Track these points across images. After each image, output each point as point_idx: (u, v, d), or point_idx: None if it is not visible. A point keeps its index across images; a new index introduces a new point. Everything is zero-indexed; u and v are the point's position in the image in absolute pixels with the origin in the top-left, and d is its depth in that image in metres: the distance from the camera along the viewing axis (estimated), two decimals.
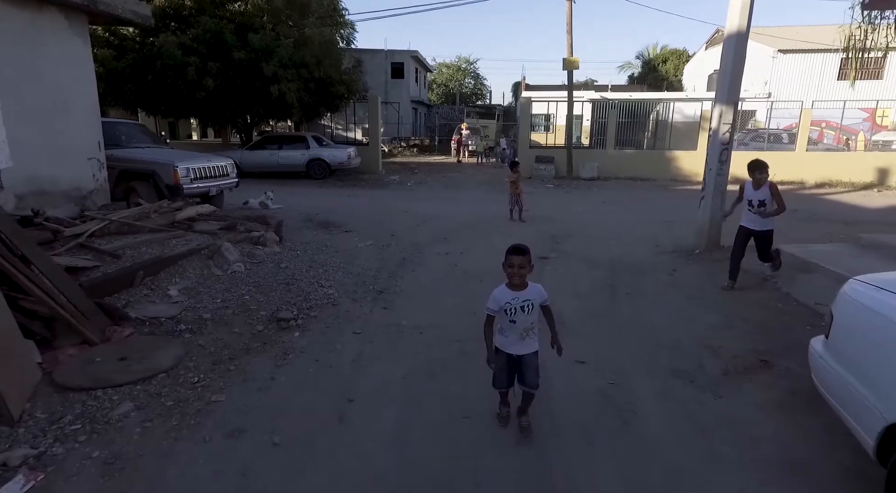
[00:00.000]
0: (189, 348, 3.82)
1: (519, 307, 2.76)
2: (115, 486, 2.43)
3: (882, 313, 2.20)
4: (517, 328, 2.78)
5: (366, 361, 3.83)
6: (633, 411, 3.20)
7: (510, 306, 2.76)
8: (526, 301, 2.76)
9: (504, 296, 2.78)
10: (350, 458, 2.70)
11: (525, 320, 2.77)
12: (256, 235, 6.58)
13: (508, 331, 2.81)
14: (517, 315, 2.76)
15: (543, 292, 2.83)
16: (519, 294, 2.77)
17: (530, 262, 2.77)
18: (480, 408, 3.12)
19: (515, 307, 2.75)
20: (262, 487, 2.48)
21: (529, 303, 2.76)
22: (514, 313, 2.75)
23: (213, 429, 2.91)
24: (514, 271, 2.74)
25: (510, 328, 2.80)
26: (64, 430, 2.81)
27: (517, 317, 2.76)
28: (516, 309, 2.75)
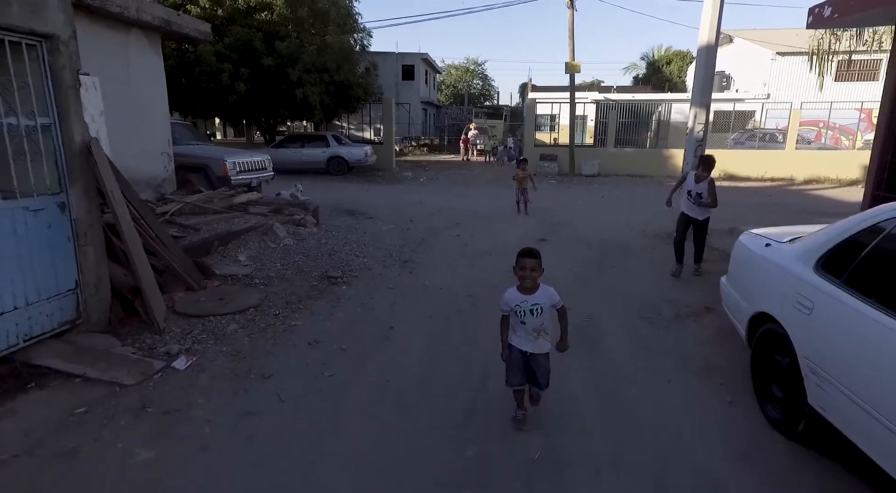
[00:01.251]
0: (266, 294, 5.03)
1: (528, 310, 2.78)
2: (242, 366, 3.63)
3: (750, 247, 3.35)
4: (527, 328, 2.82)
5: (399, 306, 5.01)
6: (600, 339, 4.34)
7: (519, 309, 2.79)
8: (535, 305, 2.78)
9: (513, 298, 2.82)
10: (394, 360, 3.87)
11: (534, 322, 2.80)
12: (298, 217, 7.81)
13: (520, 330, 2.86)
14: (526, 317, 2.79)
15: (555, 295, 2.83)
16: (528, 298, 2.79)
17: (541, 265, 2.79)
18: (483, 339, 4.20)
19: (524, 310, 2.78)
20: (337, 374, 3.65)
21: (538, 306, 2.78)
22: (523, 315, 2.79)
23: (298, 340, 4.11)
24: (526, 274, 2.76)
25: (521, 328, 2.84)
26: (196, 338, 4.01)
27: (526, 319, 2.80)
28: (525, 312, 2.78)
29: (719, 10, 7.80)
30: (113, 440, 2.75)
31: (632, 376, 3.66)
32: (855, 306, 2.35)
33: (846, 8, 6.07)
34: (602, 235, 8.36)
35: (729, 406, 3.25)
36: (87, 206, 3.85)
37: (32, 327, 3.55)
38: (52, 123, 3.59)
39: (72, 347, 3.66)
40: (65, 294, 3.78)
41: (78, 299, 3.88)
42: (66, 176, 3.71)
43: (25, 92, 3.42)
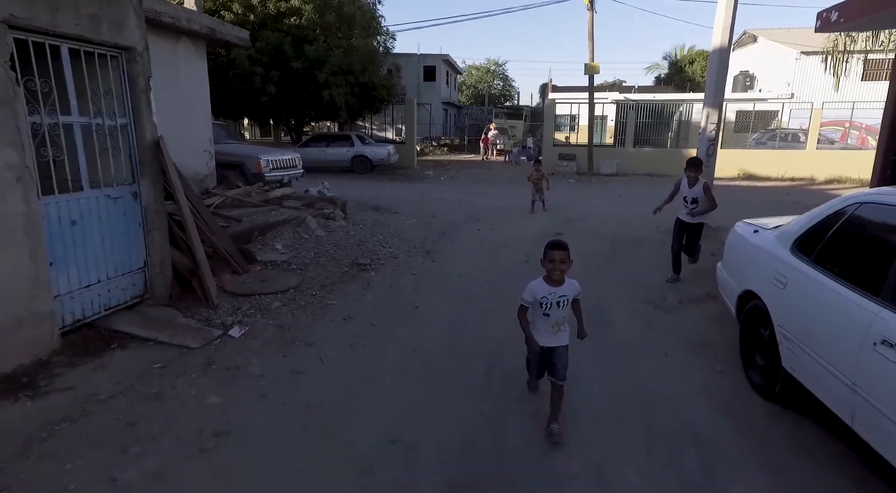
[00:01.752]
0: (303, 277, 5.56)
1: (555, 302, 2.77)
2: (287, 335, 4.15)
3: (741, 234, 3.74)
4: (549, 321, 2.80)
5: (423, 290, 5.49)
6: (607, 319, 4.74)
7: (546, 301, 2.77)
8: (562, 297, 2.77)
9: (541, 290, 2.78)
10: (419, 334, 4.34)
11: (559, 314, 2.79)
12: (327, 211, 8.36)
13: (540, 324, 2.82)
14: (552, 310, 2.77)
15: (578, 286, 2.84)
16: (556, 290, 2.77)
17: (569, 257, 2.77)
18: (499, 316, 4.64)
19: (552, 302, 2.76)
20: (369, 344, 4.13)
21: (566, 298, 2.78)
22: (548, 307, 2.77)
23: (333, 316, 4.62)
24: (556, 266, 2.73)
25: (542, 321, 2.81)
26: (245, 312, 4.56)
27: (551, 311, 2.78)
28: (552, 304, 2.76)
29: (733, 13, 8.09)
30: (187, 388, 3.29)
31: (633, 348, 4.08)
32: (818, 279, 2.74)
33: (851, 12, 6.35)
34: (615, 230, 8.71)
35: (719, 374, 3.64)
36: (155, 195, 4.42)
37: (111, 298, 4.13)
38: (128, 122, 4.17)
39: (142, 317, 4.24)
40: (135, 272, 4.37)
41: (145, 277, 4.46)
42: (138, 169, 4.29)
43: (109, 97, 4.00)
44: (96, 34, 3.72)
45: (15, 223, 3.22)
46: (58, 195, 3.62)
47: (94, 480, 2.42)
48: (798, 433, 2.92)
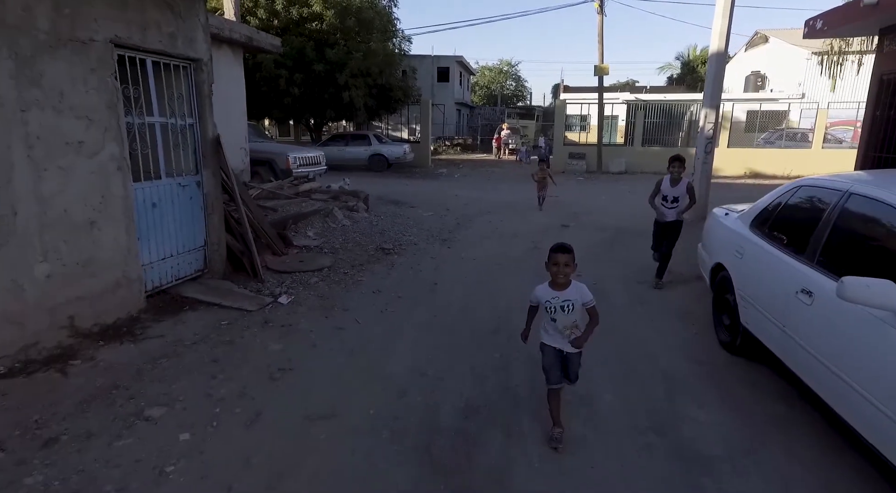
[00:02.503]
0: (334, 259, 6.30)
1: (559, 307, 2.71)
2: (327, 303, 4.89)
3: (716, 217, 4.39)
4: (558, 327, 2.74)
5: (441, 270, 6.20)
6: (602, 294, 5.39)
7: (550, 305, 2.73)
8: (566, 301, 2.70)
9: (544, 294, 2.76)
10: (439, 303, 5.05)
11: (565, 319, 2.72)
12: (352, 204, 9.11)
13: (551, 329, 2.78)
14: (557, 314, 2.72)
15: (587, 293, 2.74)
16: (559, 294, 2.71)
17: (574, 260, 2.72)
18: (506, 291, 5.36)
19: (556, 307, 2.71)
20: (396, 311, 4.84)
21: (570, 303, 2.70)
22: (553, 312, 2.73)
23: (364, 290, 5.35)
24: (559, 270, 2.68)
25: (552, 327, 2.77)
26: (288, 285, 5.30)
27: (557, 316, 2.72)
28: (556, 308, 2.71)
29: (729, 20, 8.68)
30: (252, 339, 4.04)
31: (623, 316, 4.75)
32: (764, 247, 3.39)
33: (833, 21, 6.93)
34: (618, 222, 9.34)
35: (694, 335, 4.30)
36: (214, 184, 5.19)
37: (179, 271, 4.90)
38: (194, 122, 4.94)
39: (205, 287, 5.00)
40: (197, 249, 5.13)
41: (205, 254, 5.23)
42: (201, 161, 5.05)
43: (180, 100, 4.77)
44: (173, 48, 4.48)
45: (116, 204, 3.99)
46: (143, 182, 4.39)
47: (196, 396, 3.16)
48: (750, 375, 3.58)
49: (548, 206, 11.01)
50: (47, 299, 3.52)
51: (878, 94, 6.89)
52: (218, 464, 2.55)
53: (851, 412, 2.42)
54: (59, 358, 3.46)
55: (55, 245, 3.55)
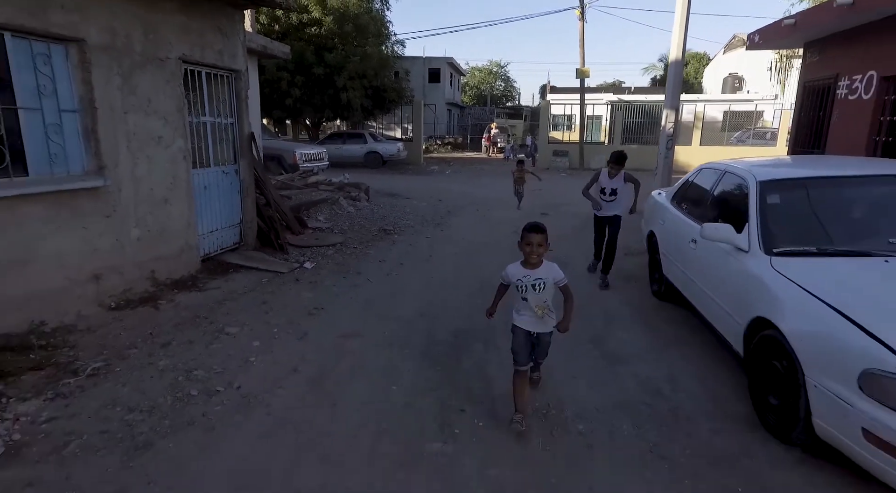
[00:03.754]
0: (344, 237, 7.44)
1: (530, 285, 2.75)
2: (343, 268, 6.02)
3: (653, 196, 5.59)
4: (530, 306, 2.78)
5: (435, 247, 7.35)
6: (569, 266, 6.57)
7: (521, 284, 2.76)
8: (537, 280, 2.74)
9: (516, 273, 2.80)
10: (433, 270, 6.20)
11: (536, 298, 2.76)
12: (354, 194, 10.24)
13: (523, 309, 2.82)
14: (528, 293, 2.76)
15: (559, 272, 2.79)
16: (531, 273, 2.76)
17: (547, 240, 2.74)
18: (487, 263, 6.52)
19: (526, 285, 2.75)
20: (400, 275, 5.98)
21: (541, 281, 2.74)
22: (524, 291, 2.76)
23: (372, 259, 6.49)
24: (532, 249, 2.71)
25: (524, 306, 2.81)
26: (309, 256, 6.43)
27: (528, 294, 2.76)
28: (527, 287, 2.75)
29: (684, 34, 9.89)
30: (288, 290, 5.16)
31: (581, 279, 5.94)
32: (675, 214, 4.59)
33: (767, 37, 8.19)
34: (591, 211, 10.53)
35: (634, 288, 5.49)
36: (248, 173, 6.29)
37: (222, 242, 6.01)
38: (234, 121, 6.05)
39: (243, 256, 6.11)
40: (235, 226, 6.24)
41: (240, 230, 6.34)
42: (238, 153, 6.16)
43: (224, 104, 5.87)
44: (221, 62, 5.59)
45: (182, 186, 5.10)
46: (198, 169, 5.49)
47: (257, 323, 4.29)
48: (669, 313, 4.77)
49: (531, 197, 12.15)
50: (138, 256, 4.62)
51: (803, 99, 8.16)
52: (283, 359, 3.69)
53: (711, 314, 3.61)
54: (148, 300, 4.56)
55: (143, 216, 4.65)
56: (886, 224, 3.20)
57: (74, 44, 3.95)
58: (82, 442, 2.64)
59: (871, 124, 6.44)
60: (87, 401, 3.01)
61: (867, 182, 3.46)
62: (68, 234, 3.97)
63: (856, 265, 2.83)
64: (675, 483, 2.45)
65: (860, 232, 3.18)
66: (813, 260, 2.95)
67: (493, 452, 2.68)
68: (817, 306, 2.50)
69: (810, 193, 3.39)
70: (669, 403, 3.18)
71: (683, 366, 3.71)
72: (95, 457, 2.54)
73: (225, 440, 2.72)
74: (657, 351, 3.96)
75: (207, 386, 3.23)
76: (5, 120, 3.56)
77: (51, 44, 3.82)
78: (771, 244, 3.11)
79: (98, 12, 4.06)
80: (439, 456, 2.64)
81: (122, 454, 2.56)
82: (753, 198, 3.41)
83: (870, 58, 6.47)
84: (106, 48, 4.15)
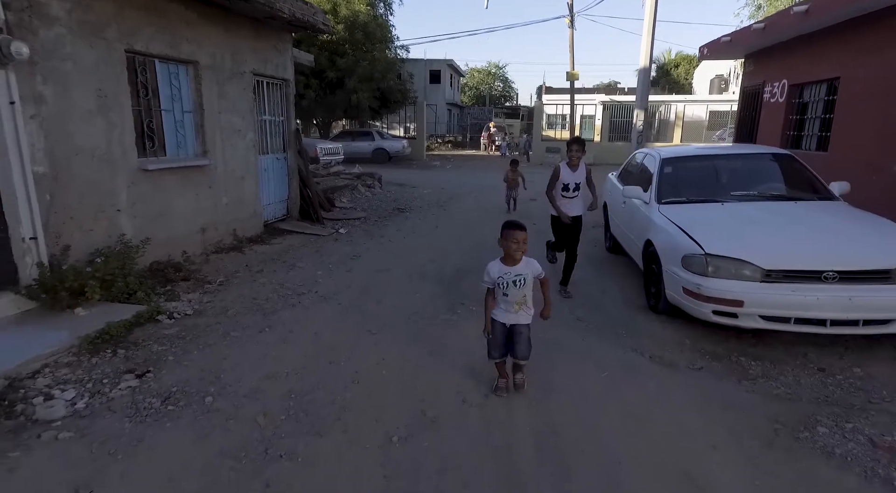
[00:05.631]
0: (366, 214, 9.16)
1: (511, 282, 2.84)
2: (368, 233, 7.74)
3: (608, 177, 7.31)
4: (510, 301, 2.88)
5: (440, 221, 9.06)
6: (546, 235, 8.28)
7: (502, 280, 2.85)
8: (518, 276, 2.84)
9: (496, 271, 2.88)
10: (439, 236, 7.91)
11: (517, 293, 2.85)
12: (369, 182, 11.96)
13: (502, 303, 2.92)
14: (509, 289, 2.84)
15: (537, 267, 2.89)
16: (511, 269, 2.85)
17: (526, 239, 2.84)
18: (481, 232, 8.22)
19: (507, 282, 2.84)
20: (413, 239, 7.68)
21: (521, 277, 2.84)
22: (506, 287, 2.85)
23: (390, 228, 8.21)
24: (518, 246, 2.82)
25: (503, 301, 2.91)
26: (340, 226, 8.14)
27: (509, 290, 2.85)
28: (508, 283, 2.84)
29: (651, 43, 11.60)
30: (332, 245, 6.88)
31: None
32: (617, 184, 6.30)
33: (714, 50, 9.91)
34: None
35: (594, 248, 7.21)
36: (294, 159, 8.01)
37: (275, 213, 7.73)
38: (284, 119, 7.76)
39: (290, 224, 7.83)
40: (283, 201, 7.96)
41: (287, 204, 8.05)
42: (287, 144, 7.87)
43: (276, 105, 7.59)
44: (276, 73, 7.31)
45: (252, 167, 6.80)
46: (261, 155, 7.20)
47: (315, 262, 6.00)
48: (615, 260, 6.47)
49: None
50: (226, 217, 6.34)
51: (743, 101, 9.88)
52: (340, 280, 5.39)
53: (629, 245, 5.34)
54: (234, 249, 6.28)
55: (228, 188, 6.36)
56: (731, 184, 4.92)
57: (192, 65, 5.66)
58: (234, 310, 4.36)
59: (784, 121, 8.17)
60: (225, 295, 4.73)
61: (724, 158, 5.20)
62: (188, 197, 5.68)
63: (704, 207, 4.54)
64: (588, 332, 4.16)
65: (714, 189, 4.89)
66: (682, 205, 4.66)
67: (481, 320, 4.39)
68: (674, 228, 4.21)
69: (688, 165, 5.12)
70: (597, 301, 4.90)
71: (613, 284, 5.44)
72: (246, 315, 4.26)
73: (317, 313, 4.43)
74: (599, 279, 5.67)
75: (296, 291, 4.95)
76: (153, 119, 5.28)
77: (179, 65, 5.53)
78: (661, 197, 4.83)
79: (206, 42, 5.77)
80: (448, 322, 4.35)
81: (261, 315, 4.28)
82: (656, 169, 5.13)
83: (783, 69, 8.19)
84: (209, 67, 5.87)
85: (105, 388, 3.02)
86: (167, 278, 4.88)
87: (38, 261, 3.87)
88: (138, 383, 3.08)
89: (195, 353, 3.53)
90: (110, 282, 4.06)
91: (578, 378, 3.33)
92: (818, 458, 2.53)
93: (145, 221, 5.06)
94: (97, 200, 4.53)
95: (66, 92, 4.18)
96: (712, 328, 3.95)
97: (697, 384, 3.27)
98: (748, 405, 3.01)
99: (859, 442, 2.62)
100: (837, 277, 3.43)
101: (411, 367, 3.47)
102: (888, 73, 6.02)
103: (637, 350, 3.78)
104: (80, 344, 3.42)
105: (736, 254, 3.64)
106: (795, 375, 3.38)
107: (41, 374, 3.11)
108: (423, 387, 3.19)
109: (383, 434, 2.68)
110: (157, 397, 2.95)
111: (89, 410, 2.80)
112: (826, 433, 2.70)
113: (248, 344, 3.73)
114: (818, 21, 6.81)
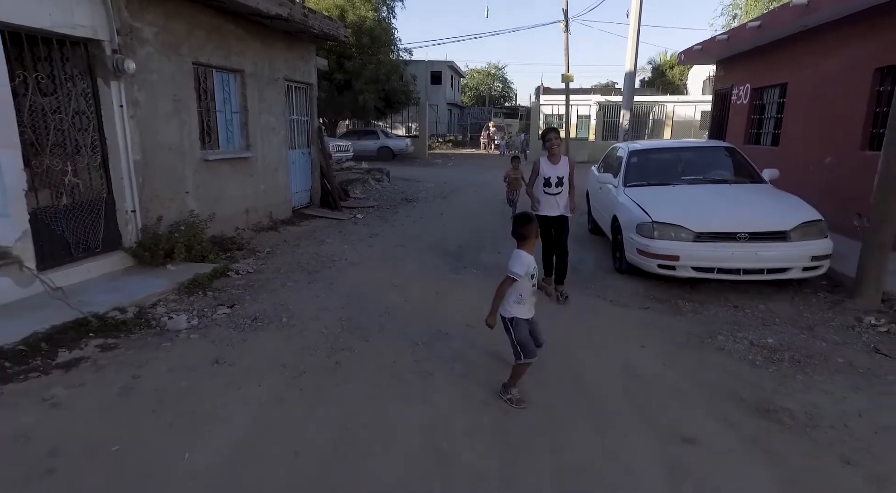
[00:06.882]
0: (378, 203, 10.29)
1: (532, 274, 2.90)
2: (382, 218, 8.86)
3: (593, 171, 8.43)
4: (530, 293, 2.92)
5: (444, 210, 10.18)
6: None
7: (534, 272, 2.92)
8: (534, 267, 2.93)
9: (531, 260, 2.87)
10: (445, 221, 9.03)
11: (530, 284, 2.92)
12: (378, 176, 13.08)
13: (528, 296, 2.91)
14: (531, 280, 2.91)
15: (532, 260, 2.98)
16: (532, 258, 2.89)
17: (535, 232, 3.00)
18: (484, 218, 9.35)
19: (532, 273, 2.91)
20: (422, 224, 8.79)
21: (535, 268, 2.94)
22: (532, 278, 2.92)
23: (400, 215, 9.33)
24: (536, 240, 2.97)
25: (529, 294, 2.92)
26: (357, 212, 9.26)
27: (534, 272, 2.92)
28: (533, 275, 2.92)
29: (636, 47, 12.70)
30: (351, 227, 8.01)
31: None
32: (596, 174, 7.42)
33: (689, 57, 11.04)
34: None
35: (579, 230, 8.32)
36: (317, 154, 9.12)
37: (300, 201, 8.85)
38: (308, 119, 8.88)
39: (314, 210, 8.95)
40: (307, 190, 9.08)
41: (310, 194, 9.17)
42: (310, 140, 8.99)
43: (302, 106, 8.70)
44: (303, 78, 8.43)
45: (283, 160, 7.92)
46: (290, 150, 8.32)
47: (340, 239, 7.12)
48: (594, 238, 7.59)
49: None
50: (263, 202, 7.45)
51: (715, 102, 11.00)
52: (363, 252, 6.51)
53: (602, 222, 6.45)
54: (271, 229, 7.40)
55: (265, 177, 7.48)
56: (684, 170, 6.05)
57: (239, 73, 6.78)
58: (285, 270, 5.50)
59: (748, 120, 9.29)
60: (273, 261, 5.86)
61: (680, 150, 6.33)
62: (236, 183, 6.80)
63: (659, 189, 5.67)
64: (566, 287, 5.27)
65: (669, 174, 6.01)
66: (643, 188, 5.78)
67: (484, 278, 5.51)
68: (633, 205, 5.33)
69: (651, 156, 6.26)
70: (575, 267, 6.01)
71: (589, 256, 6.57)
72: (295, 273, 5.39)
73: (350, 272, 5.55)
74: (579, 252, 6.78)
75: (330, 258, 6.08)
76: (210, 118, 6.39)
77: (229, 73, 6.65)
78: (626, 182, 5.95)
79: (250, 54, 6.89)
80: (454, 279, 5.47)
81: (306, 273, 5.41)
82: (624, 159, 6.25)
83: (747, 74, 9.31)
84: (252, 74, 6.99)
85: (207, 313, 4.14)
86: (225, 247, 6.00)
87: (140, 227, 5.00)
88: (230, 311, 4.21)
89: (264, 295, 4.66)
90: (190, 246, 5.18)
91: (555, 313, 4.45)
92: (714, 352, 3.65)
93: (206, 202, 6.18)
94: (173, 184, 5.65)
95: (153, 97, 5.30)
96: (659, 281, 5.08)
97: (641, 316, 4.40)
98: (674, 327, 4.13)
99: (743, 343, 3.75)
100: (748, 237, 4.56)
101: (428, 303, 4.61)
102: (824, 80, 7.13)
103: (601, 297, 4.91)
104: (178, 288, 4.54)
105: (674, 221, 4.77)
106: (716, 310, 4.51)
107: (158, 305, 4.23)
108: (438, 316, 4.32)
109: (411, 340, 3.80)
110: (247, 318, 4.08)
111: (202, 325, 3.93)
112: (723, 339, 3.83)
113: (302, 290, 4.86)
114: (770, 34, 7.92)
